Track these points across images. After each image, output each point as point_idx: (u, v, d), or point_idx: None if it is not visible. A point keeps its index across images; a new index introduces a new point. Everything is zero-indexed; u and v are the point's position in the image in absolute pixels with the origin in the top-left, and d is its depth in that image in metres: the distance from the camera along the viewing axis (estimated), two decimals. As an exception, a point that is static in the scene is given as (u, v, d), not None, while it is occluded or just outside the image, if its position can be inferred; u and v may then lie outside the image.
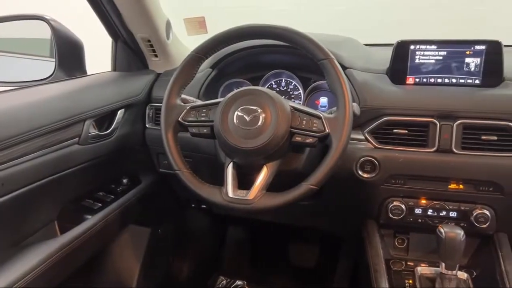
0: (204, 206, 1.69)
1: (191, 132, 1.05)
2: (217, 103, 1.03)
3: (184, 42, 1.57)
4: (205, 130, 1.03)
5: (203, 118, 1.03)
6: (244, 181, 1.01)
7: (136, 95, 1.37)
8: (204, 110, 1.04)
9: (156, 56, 1.46)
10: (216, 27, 1.17)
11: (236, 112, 0.98)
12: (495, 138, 1.07)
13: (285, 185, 0.98)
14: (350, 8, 3.14)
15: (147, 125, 1.41)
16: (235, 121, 0.98)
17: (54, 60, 1.26)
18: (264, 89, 1.02)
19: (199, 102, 1.08)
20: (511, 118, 1.06)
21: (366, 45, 1.43)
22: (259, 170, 0.99)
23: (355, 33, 1.42)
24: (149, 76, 1.45)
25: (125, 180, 1.44)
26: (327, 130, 0.96)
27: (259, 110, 0.97)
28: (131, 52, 1.46)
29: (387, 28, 2.90)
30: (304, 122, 0.97)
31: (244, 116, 0.97)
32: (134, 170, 1.50)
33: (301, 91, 1.36)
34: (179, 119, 1.05)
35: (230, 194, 0.98)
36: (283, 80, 1.38)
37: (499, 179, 1.08)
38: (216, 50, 1.08)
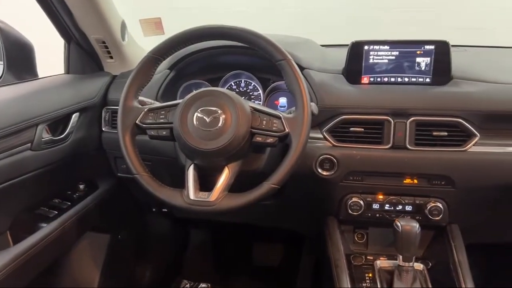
0: (165, 210, 1.67)
1: (150, 135, 1.03)
2: (176, 105, 1.02)
3: (141, 44, 1.54)
4: (164, 132, 1.02)
5: (161, 120, 1.02)
6: (206, 183, 1.01)
7: (91, 98, 1.33)
8: (163, 112, 1.03)
9: (111, 57, 1.42)
10: (173, 28, 1.15)
11: (195, 114, 0.97)
12: (446, 134, 1.12)
13: (247, 185, 0.99)
14: (308, 10, 3.19)
15: (103, 129, 1.37)
16: (195, 122, 0.97)
17: (1, 63, 1.20)
18: (224, 90, 1.02)
19: (158, 104, 1.07)
20: (460, 114, 1.11)
21: (322, 46, 1.46)
22: (220, 171, 0.99)
23: (311, 34, 1.45)
24: (104, 79, 1.41)
25: (81, 186, 1.40)
26: (287, 130, 0.97)
27: (219, 111, 0.97)
28: (85, 54, 1.42)
29: (342, 29, 2.97)
30: (264, 122, 0.98)
31: (204, 117, 0.97)
32: (91, 175, 1.45)
33: (260, 91, 1.37)
34: (136, 121, 1.03)
35: (192, 196, 0.97)
36: (243, 81, 1.38)
37: (451, 173, 1.13)
38: (174, 51, 1.07)
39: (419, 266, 1.15)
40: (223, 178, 0.98)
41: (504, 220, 1.32)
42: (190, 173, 1.00)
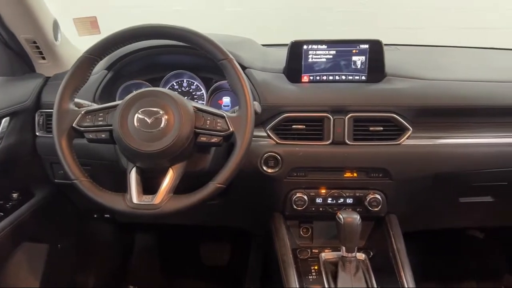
0: (108, 216, 1.61)
1: (88, 138, 0.99)
2: (115, 106, 0.99)
3: (76, 44, 1.48)
4: (103, 135, 0.98)
5: (100, 123, 0.98)
6: (149, 185, 0.99)
7: (22, 102, 1.25)
8: (101, 114, 0.99)
9: (43, 58, 1.35)
10: (110, 27, 1.12)
11: (136, 115, 0.95)
12: (381, 128, 1.17)
13: (193, 186, 0.98)
14: (246, 9, 3.21)
15: (37, 133, 1.30)
16: (135, 124, 0.95)
17: None
18: (165, 90, 1.00)
19: (95, 106, 1.03)
20: (393, 110, 1.17)
21: (263, 45, 1.48)
22: (164, 173, 0.98)
23: (252, 34, 1.46)
24: (36, 80, 1.33)
25: (15, 195, 1.32)
26: (231, 129, 0.98)
27: (161, 112, 0.95)
28: (14, 54, 1.33)
29: (281, 29, 3.02)
30: (208, 122, 0.98)
31: (145, 118, 0.95)
32: (25, 183, 1.37)
33: (203, 91, 1.36)
34: (73, 125, 0.98)
35: (135, 200, 0.95)
36: (185, 81, 1.36)
37: (387, 165, 1.19)
38: (111, 51, 1.04)
39: (361, 255, 1.20)
40: (168, 180, 0.97)
41: (436, 208, 1.42)
42: (133, 176, 0.98)
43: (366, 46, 1.21)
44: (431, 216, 1.47)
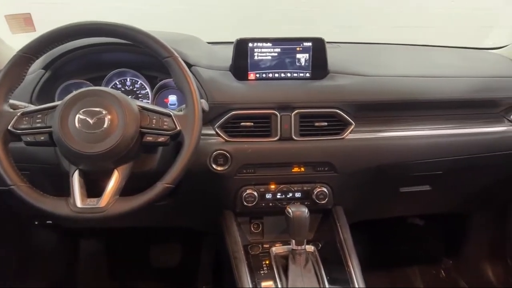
0: (50, 222, 1.53)
1: (25, 141, 0.94)
2: (54, 107, 0.94)
3: (9, 42, 1.39)
4: (42, 138, 0.93)
5: (38, 125, 0.93)
6: (94, 188, 0.95)
7: None
8: (39, 116, 0.94)
9: (-27, 57, 1.25)
10: (46, 25, 1.06)
11: (77, 115, 0.91)
12: (326, 124, 1.21)
13: (142, 187, 0.96)
14: (190, 7, 3.18)
15: (-33, 138, 1.21)
16: (77, 125, 0.91)
17: None
18: (108, 89, 0.97)
19: (33, 107, 0.98)
20: (336, 105, 1.22)
21: (209, 43, 1.47)
22: (109, 175, 0.94)
23: (196, 31, 1.45)
24: None
25: None
26: (178, 128, 0.96)
27: (103, 112, 0.92)
28: None
29: (227, 27, 3.02)
30: (154, 121, 0.96)
31: (87, 119, 0.91)
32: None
33: (148, 90, 1.33)
34: (9, 127, 0.93)
35: (79, 204, 0.91)
36: (128, 80, 1.33)
37: (332, 159, 1.23)
38: (48, 49, 0.99)
39: (310, 248, 1.23)
40: (113, 182, 0.94)
41: (379, 199, 1.49)
42: (75, 179, 0.94)
43: (310, 44, 1.24)
44: (374, 207, 1.54)
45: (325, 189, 1.26)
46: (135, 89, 1.33)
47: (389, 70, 1.36)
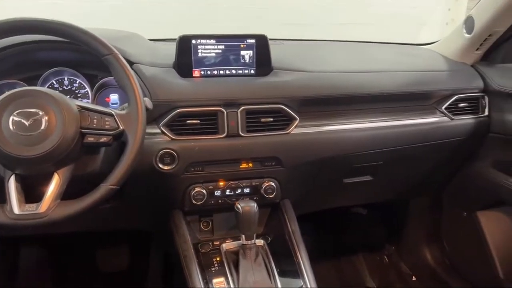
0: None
1: None
2: None
3: None
4: None
5: None
6: (33, 193, 0.91)
7: None
8: None
9: None
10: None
11: (11, 117, 0.86)
12: (272, 119, 1.23)
13: (85, 190, 0.92)
14: (129, 4, 3.09)
15: None
16: (11, 127, 0.86)
17: None
18: (44, 89, 0.92)
19: None
20: (281, 101, 1.24)
21: (151, 40, 1.44)
22: (49, 178, 0.90)
23: (136, 29, 1.42)
24: None
25: None
26: (121, 127, 0.94)
27: (40, 113, 0.88)
28: None
29: (170, 24, 2.97)
30: (95, 121, 0.93)
31: (23, 120, 0.87)
32: None
33: (88, 89, 1.28)
34: None
35: (16, 210, 0.87)
36: (66, 79, 1.27)
37: (278, 154, 1.25)
38: None
39: (260, 242, 1.25)
40: (53, 186, 0.90)
41: (325, 190, 1.54)
42: (11, 185, 0.88)
43: (253, 40, 1.25)
44: (320, 198, 1.59)
45: (273, 184, 1.28)
46: (73, 88, 1.27)
47: (330, 66, 1.41)
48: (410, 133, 1.41)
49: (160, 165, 1.17)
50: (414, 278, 1.97)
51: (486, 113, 1.50)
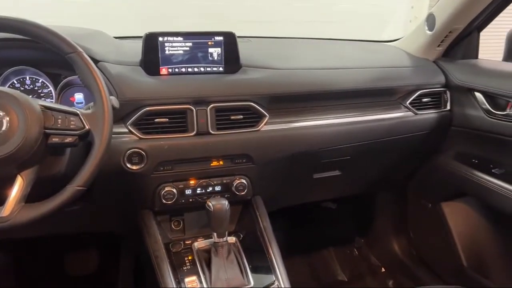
0: None
1: None
2: None
3: None
4: None
5: None
6: None
7: None
8: None
9: None
10: None
11: None
12: (241, 117, 1.23)
13: (50, 192, 0.90)
14: (95, 1, 3.02)
15: None
16: None
17: None
18: (4, 88, 0.89)
19: None
20: (250, 98, 1.24)
21: (116, 38, 1.41)
22: (12, 181, 0.87)
23: (100, 26, 1.39)
24: None
25: None
26: (87, 127, 0.92)
27: (1, 113, 0.84)
28: None
29: (136, 21, 2.92)
30: (60, 121, 0.90)
31: None
32: None
33: (51, 88, 1.24)
34: None
35: None
36: (28, 78, 1.23)
37: (249, 151, 1.26)
38: None
39: (232, 239, 1.25)
40: (17, 189, 0.86)
41: (295, 186, 1.56)
42: None
43: (221, 38, 1.25)
44: (291, 194, 1.61)
45: (244, 181, 1.29)
46: (36, 88, 1.23)
47: (298, 64, 1.42)
48: (376, 128, 1.44)
49: (128, 165, 1.15)
50: (383, 269, 2.03)
51: (448, 107, 1.56)
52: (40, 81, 1.23)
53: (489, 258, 1.62)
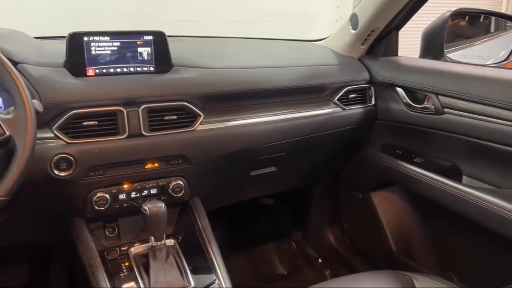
0: None
1: None
2: None
3: None
4: None
5: None
6: None
7: None
8: None
9: None
10: None
11: None
12: (176, 117, 1.21)
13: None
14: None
15: None
16: None
17: None
18: None
19: None
20: (184, 98, 1.23)
21: (36, 38, 1.33)
22: None
23: (18, 26, 1.30)
24: None
25: None
26: (8, 133, 0.86)
27: None
28: None
29: (59, 21, 2.78)
30: None
31: None
32: None
33: (-36, 93, 1.14)
34: None
35: None
36: None
37: (185, 151, 1.25)
38: None
39: (170, 242, 1.23)
40: None
41: (233, 184, 1.57)
42: None
43: (150, 37, 1.22)
44: (229, 192, 1.62)
45: (180, 182, 1.27)
46: None
47: (230, 63, 1.43)
48: (308, 124, 1.49)
49: (56, 172, 1.09)
50: (320, 260, 2.10)
51: (373, 102, 1.65)
52: (-50, 85, 1.13)
53: (414, 242, 1.75)
